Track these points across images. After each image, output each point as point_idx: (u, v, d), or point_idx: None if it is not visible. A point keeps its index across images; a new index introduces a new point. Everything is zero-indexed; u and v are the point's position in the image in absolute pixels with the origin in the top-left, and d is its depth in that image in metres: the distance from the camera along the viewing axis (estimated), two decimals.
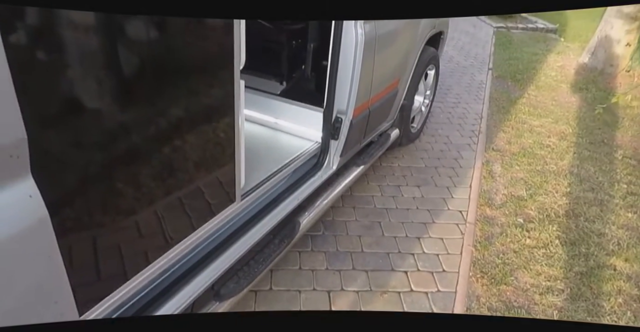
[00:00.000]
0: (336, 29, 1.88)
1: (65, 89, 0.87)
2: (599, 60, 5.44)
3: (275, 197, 1.85)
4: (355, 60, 1.92)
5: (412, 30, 2.55)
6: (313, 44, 2.12)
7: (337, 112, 2.04)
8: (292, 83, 2.28)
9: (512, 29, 7.35)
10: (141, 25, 1.08)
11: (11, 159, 0.68)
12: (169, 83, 1.19)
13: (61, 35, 0.84)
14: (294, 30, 2.20)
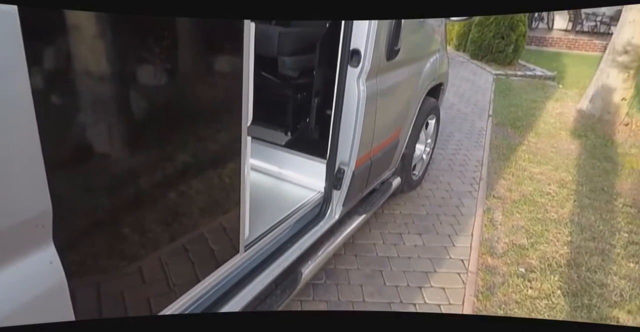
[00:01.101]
0: (339, 85, 1.98)
1: (86, 160, 0.93)
2: (596, 108, 5.56)
3: (279, 247, 1.89)
4: (357, 114, 2.00)
5: (413, 83, 2.65)
6: (317, 98, 2.22)
7: (339, 163, 2.11)
8: (297, 134, 2.37)
9: (511, 76, 7.55)
10: (157, 78, 1.17)
11: (36, 228, 0.73)
12: (180, 134, 1.26)
13: (82, 107, 0.91)
14: (300, 84, 2.30)
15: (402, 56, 2.24)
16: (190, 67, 1.30)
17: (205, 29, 1.30)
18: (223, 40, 1.38)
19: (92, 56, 1.01)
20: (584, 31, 12.50)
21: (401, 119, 2.60)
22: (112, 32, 1.02)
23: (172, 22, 1.19)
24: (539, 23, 12.52)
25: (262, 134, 2.38)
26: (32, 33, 0.70)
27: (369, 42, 1.91)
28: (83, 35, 0.95)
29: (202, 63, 1.33)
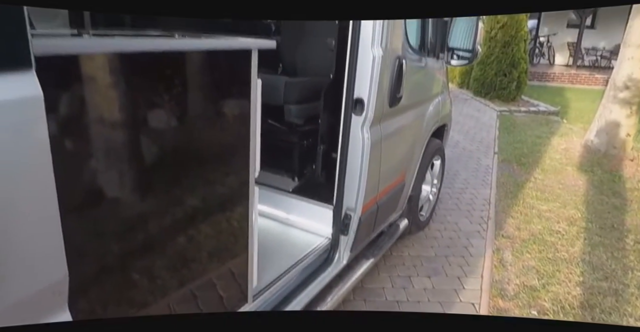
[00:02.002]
0: (344, 133, 2.03)
1: (102, 226, 0.97)
2: (602, 143, 5.58)
3: (287, 295, 1.89)
4: (362, 161, 2.04)
5: (416, 126, 2.71)
6: (323, 145, 2.27)
7: (346, 209, 2.13)
8: (304, 180, 2.41)
9: (515, 112, 7.63)
10: (168, 127, 1.22)
11: (53, 295, 0.76)
12: (190, 180, 1.31)
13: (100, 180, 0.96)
14: (306, 131, 2.36)
15: (405, 102, 2.30)
16: (200, 115, 1.36)
17: (214, 79, 1.37)
18: (232, 91, 1.44)
19: (107, 113, 1.06)
20: (585, 66, 12.70)
21: (406, 162, 2.64)
22: (124, 82, 1.08)
23: (183, 71, 1.26)
24: (540, 59, 12.75)
25: (270, 180, 2.42)
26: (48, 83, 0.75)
27: (371, 91, 1.98)
28: (96, 89, 1.01)
29: (211, 112, 1.39)
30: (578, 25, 12.50)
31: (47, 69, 0.77)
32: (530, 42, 11.15)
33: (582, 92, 10.42)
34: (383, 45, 1.98)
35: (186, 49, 1.20)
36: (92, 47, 0.96)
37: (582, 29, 12.42)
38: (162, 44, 1.13)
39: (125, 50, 1.02)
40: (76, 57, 0.92)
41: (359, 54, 1.94)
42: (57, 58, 0.86)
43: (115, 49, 1.00)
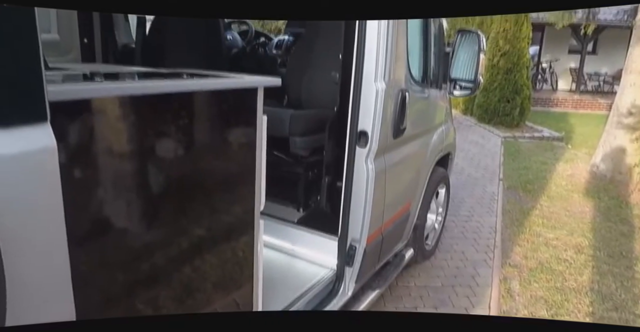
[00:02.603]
0: (348, 165, 2.06)
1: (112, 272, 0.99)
2: (607, 169, 5.57)
3: None
4: (366, 192, 2.06)
5: (421, 156, 2.73)
6: (327, 177, 2.29)
7: (351, 241, 2.13)
8: (309, 211, 2.42)
9: (519, 138, 7.66)
10: (176, 160, 1.25)
11: None
12: (196, 212, 1.33)
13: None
14: (311, 162, 2.39)
15: (408, 132, 2.33)
16: (208, 152, 1.39)
17: (222, 117, 1.41)
18: (238, 127, 1.48)
19: (118, 151, 1.10)
20: (588, 91, 12.78)
21: (411, 192, 2.65)
22: (135, 123, 1.11)
23: (192, 110, 1.29)
24: (543, 85, 12.85)
25: (275, 211, 2.43)
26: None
27: (375, 124, 2.01)
28: (107, 130, 1.05)
29: (218, 148, 1.43)
30: (579, 51, 12.64)
31: (61, 113, 0.80)
32: (533, 68, 11.27)
33: (586, 117, 10.45)
34: (386, 79, 2.02)
35: (195, 89, 1.23)
36: (104, 91, 1.00)
37: (584, 55, 12.56)
38: (172, 86, 1.17)
39: (136, 94, 1.05)
40: (89, 101, 0.96)
41: (362, 88, 1.98)
42: (71, 103, 0.89)
43: (127, 92, 1.04)
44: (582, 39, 12.10)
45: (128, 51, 3.21)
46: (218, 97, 1.34)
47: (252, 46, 3.39)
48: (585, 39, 12.09)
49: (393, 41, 2.05)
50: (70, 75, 1.38)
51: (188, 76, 1.37)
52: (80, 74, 1.48)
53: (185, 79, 1.30)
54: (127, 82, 1.25)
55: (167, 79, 1.32)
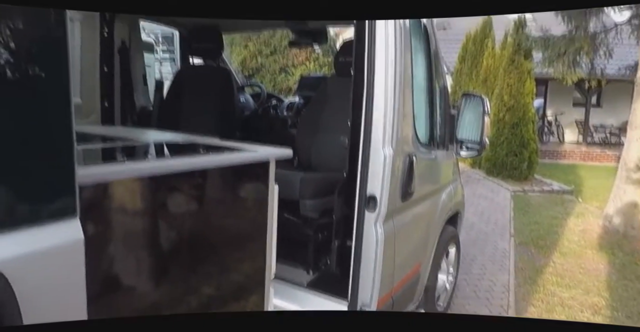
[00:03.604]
0: (358, 229, 2.08)
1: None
2: (620, 224, 5.51)
3: None
4: (376, 257, 2.07)
5: (429, 217, 2.75)
6: (337, 240, 2.31)
7: (361, 305, 2.12)
8: (319, 274, 2.42)
9: (528, 192, 7.64)
10: (193, 226, 1.28)
11: None
12: (211, 287, 1.34)
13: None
14: (321, 224, 2.42)
15: (417, 194, 2.37)
16: (222, 217, 1.43)
17: (236, 187, 1.47)
18: (251, 196, 1.53)
19: (141, 226, 1.14)
20: (595, 143, 12.84)
21: (421, 253, 2.64)
22: (155, 194, 1.16)
23: (210, 182, 1.35)
24: (550, 137, 12.95)
25: (285, 273, 2.42)
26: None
27: (383, 188, 2.05)
28: (130, 207, 1.09)
29: (232, 213, 1.47)
30: (584, 104, 12.83)
31: (85, 192, 0.86)
32: (539, 121, 11.42)
33: (595, 169, 10.44)
34: (393, 145, 2.08)
35: (212, 166, 1.30)
36: (128, 173, 1.06)
37: (589, 108, 12.74)
38: (190, 164, 1.24)
39: (157, 173, 1.11)
40: (112, 182, 1.01)
41: (370, 154, 2.04)
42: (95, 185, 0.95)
43: (149, 173, 1.10)
44: (586, 93, 12.32)
45: (146, 113, 3.35)
46: (233, 169, 1.40)
47: (264, 108, 3.52)
48: (589, 93, 12.32)
49: (400, 106, 2.13)
50: (91, 151, 1.45)
51: (204, 150, 1.44)
52: (100, 149, 1.56)
53: (203, 155, 1.37)
54: (150, 161, 1.32)
55: (185, 153, 1.38)
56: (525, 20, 8.53)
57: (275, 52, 11.38)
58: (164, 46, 7.69)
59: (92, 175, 0.98)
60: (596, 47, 6.75)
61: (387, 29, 2.06)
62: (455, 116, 2.94)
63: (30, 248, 0.70)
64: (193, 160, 1.29)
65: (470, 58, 10.30)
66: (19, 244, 0.69)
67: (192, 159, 1.31)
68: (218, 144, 1.62)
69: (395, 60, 2.07)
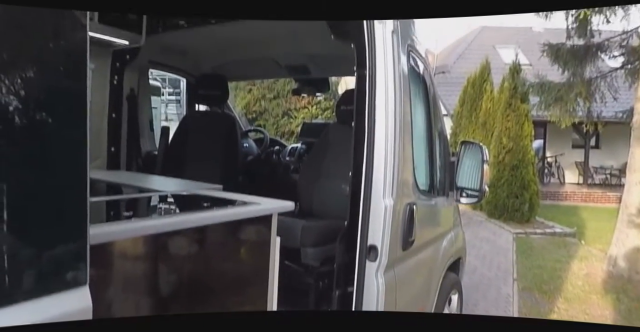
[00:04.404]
0: (359, 279, 2.09)
1: None
2: (624, 269, 5.46)
3: None
4: (377, 305, 2.06)
5: (431, 264, 2.75)
6: (338, 289, 2.30)
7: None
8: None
9: (530, 234, 7.61)
10: (197, 276, 1.29)
11: None
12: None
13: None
14: (322, 272, 2.42)
15: (418, 243, 2.38)
16: (224, 268, 1.45)
17: (238, 240, 1.49)
18: (253, 248, 1.55)
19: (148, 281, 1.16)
20: (596, 184, 12.87)
21: (422, 301, 2.63)
22: (159, 245, 1.19)
23: (214, 236, 1.38)
24: (551, 178, 13.00)
25: None
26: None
27: (384, 238, 2.07)
28: (138, 263, 1.12)
29: (234, 264, 1.49)
30: (583, 146, 12.96)
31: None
32: (539, 162, 11.50)
33: (597, 210, 10.42)
34: (394, 195, 2.12)
35: (216, 221, 1.33)
36: (134, 231, 1.10)
37: (588, 149, 12.86)
38: (195, 221, 1.27)
39: (162, 231, 1.15)
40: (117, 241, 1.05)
41: (371, 204, 2.07)
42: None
43: (155, 231, 1.13)
44: (584, 135, 12.47)
45: (151, 158, 3.41)
46: (236, 224, 1.44)
47: (267, 153, 3.59)
48: (587, 135, 12.47)
49: (400, 155, 2.18)
50: (96, 204, 1.49)
51: (207, 204, 1.47)
52: (105, 203, 1.60)
53: (206, 211, 1.40)
54: (155, 219, 1.36)
55: (189, 208, 1.42)
56: (521, 66, 8.78)
57: (278, 97, 11.67)
58: (170, 89, 7.89)
59: (98, 236, 1.01)
60: (592, 92, 6.91)
61: (386, 76, 2.12)
62: (455, 163, 3.00)
63: (37, 319, 0.71)
64: (197, 216, 1.33)
65: (469, 101, 10.51)
66: (27, 314, 0.70)
67: (196, 215, 1.34)
68: (221, 196, 1.66)
69: (395, 109, 2.13)
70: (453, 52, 14.78)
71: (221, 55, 3.51)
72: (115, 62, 3.13)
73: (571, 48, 6.83)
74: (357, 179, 2.17)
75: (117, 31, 2.86)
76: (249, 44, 3.24)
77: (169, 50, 3.45)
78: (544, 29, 11.47)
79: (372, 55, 2.13)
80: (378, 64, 2.14)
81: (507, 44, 13.46)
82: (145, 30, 2.96)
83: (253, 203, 1.54)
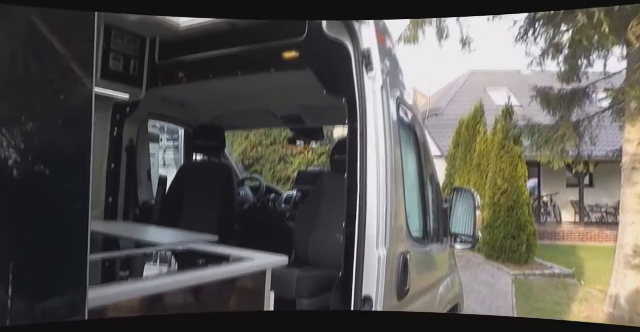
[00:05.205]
0: None
1: None
2: (624, 311, 5.41)
3: None
4: None
5: (428, 308, 2.74)
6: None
7: None
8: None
9: (529, 276, 7.56)
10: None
11: None
12: None
13: None
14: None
15: (413, 291, 2.38)
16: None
17: (233, 294, 1.51)
18: (248, 304, 1.57)
19: None
20: (592, 223, 12.86)
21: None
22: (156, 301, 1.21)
23: (210, 292, 1.40)
24: (547, 217, 13.01)
25: None
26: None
27: (379, 289, 2.09)
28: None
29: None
30: (577, 185, 13.06)
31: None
32: (534, 202, 11.54)
33: (595, 250, 10.36)
34: (387, 245, 2.15)
35: (211, 279, 1.37)
36: (131, 293, 1.13)
37: (582, 188, 12.94)
38: (190, 280, 1.31)
39: (159, 291, 1.18)
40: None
41: (365, 254, 2.10)
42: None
43: (152, 292, 1.17)
44: (578, 174, 12.58)
45: (148, 208, 3.45)
46: (232, 280, 1.47)
47: (263, 201, 3.64)
48: (581, 174, 12.58)
49: (392, 204, 2.22)
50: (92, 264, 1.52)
51: (203, 261, 1.51)
52: (101, 263, 1.62)
53: (202, 269, 1.43)
54: (151, 280, 1.39)
55: (184, 266, 1.45)
56: (513, 108, 9.00)
57: (275, 143, 11.86)
58: (169, 135, 8.01)
59: (95, 299, 1.04)
60: (581, 134, 7.05)
61: (377, 128, 2.19)
62: (448, 210, 3.04)
63: None
64: (192, 276, 1.36)
65: (463, 143, 10.67)
66: None
67: (190, 275, 1.37)
68: (215, 251, 1.69)
69: (386, 159, 2.18)
70: (445, 95, 15.14)
71: (219, 107, 3.63)
72: (115, 115, 3.22)
73: (559, 92, 7.03)
74: (351, 228, 2.21)
75: (119, 86, 2.97)
76: (245, 97, 3.36)
77: (168, 103, 3.56)
78: (532, 72, 11.82)
79: (362, 109, 2.21)
80: (369, 117, 2.22)
81: (497, 87, 13.82)
82: (145, 85, 3.08)
83: (247, 259, 1.58)
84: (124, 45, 2.91)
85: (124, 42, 2.90)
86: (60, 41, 0.92)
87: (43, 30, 0.93)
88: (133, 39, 2.94)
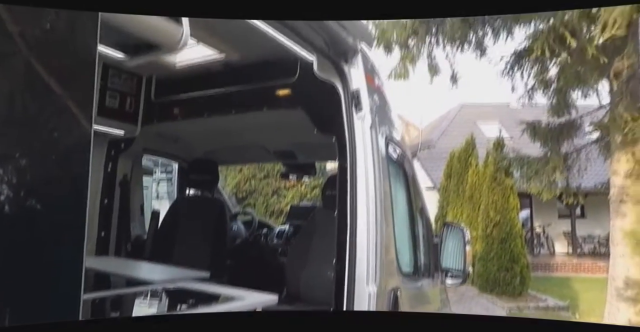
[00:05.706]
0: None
1: None
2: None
3: None
4: None
5: None
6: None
7: None
8: None
9: (523, 309, 7.51)
10: None
11: None
12: None
13: None
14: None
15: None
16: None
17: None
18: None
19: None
20: (585, 254, 12.86)
21: None
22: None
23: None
24: (541, 249, 13.00)
25: None
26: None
27: None
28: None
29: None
30: (569, 216, 13.12)
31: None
32: (527, 233, 11.56)
33: (588, 281, 10.33)
34: (377, 282, 2.17)
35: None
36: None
37: (574, 219, 13.00)
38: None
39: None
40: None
41: (355, 291, 2.12)
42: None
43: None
44: (569, 205, 12.66)
45: (140, 243, 3.45)
46: (223, 318, 1.48)
47: (255, 236, 3.65)
48: (572, 205, 12.66)
49: (382, 240, 2.25)
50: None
51: (193, 301, 1.53)
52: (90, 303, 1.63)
53: (191, 308, 1.45)
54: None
55: (174, 306, 1.47)
56: (503, 141, 9.15)
57: (268, 176, 11.93)
58: (162, 168, 8.05)
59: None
60: (569, 166, 7.17)
61: (366, 165, 2.24)
62: (439, 245, 3.07)
63: None
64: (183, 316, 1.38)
65: (455, 175, 10.77)
66: None
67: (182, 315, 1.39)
68: (206, 290, 1.70)
69: (375, 195, 2.23)
70: (437, 128, 15.36)
71: (212, 142, 3.69)
72: (110, 150, 3.27)
73: (547, 125, 7.19)
74: (341, 265, 2.23)
75: (114, 122, 3.03)
76: (238, 133, 3.43)
77: (163, 138, 3.62)
78: (522, 105, 12.06)
79: (352, 147, 2.27)
80: (358, 155, 2.28)
81: (487, 120, 14.06)
82: (141, 121, 3.15)
83: (237, 298, 1.60)
84: (121, 84, 3.00)
85: (120, 80, 2.98)
86: (58, 82, 0.98)
87: (41, 72, 0.98)
88: (130, 77, 3.03)
